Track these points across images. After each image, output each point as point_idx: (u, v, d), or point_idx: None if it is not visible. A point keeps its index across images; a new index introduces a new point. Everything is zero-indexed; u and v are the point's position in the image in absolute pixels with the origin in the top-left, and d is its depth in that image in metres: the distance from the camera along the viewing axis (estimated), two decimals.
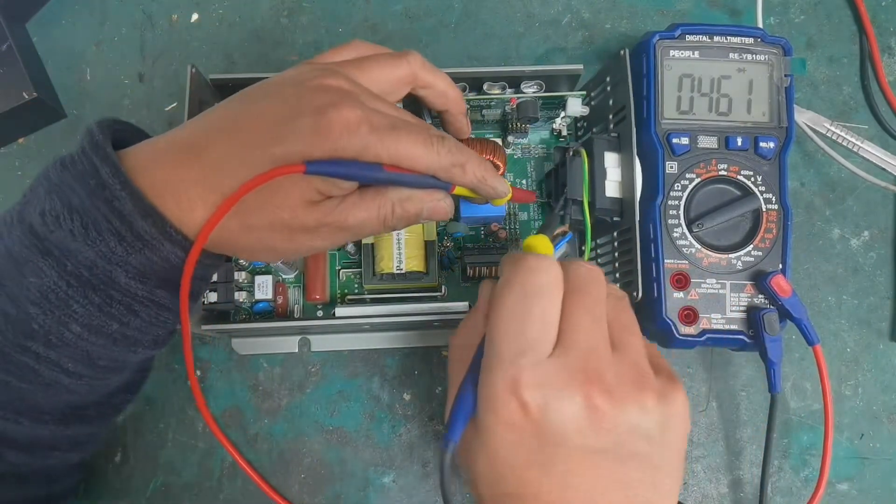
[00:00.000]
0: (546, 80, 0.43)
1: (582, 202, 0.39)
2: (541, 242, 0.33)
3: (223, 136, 0.29)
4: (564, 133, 0.46)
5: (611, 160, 0.39)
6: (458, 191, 0.32)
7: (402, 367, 0.45)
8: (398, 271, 0.40)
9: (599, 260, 0.43)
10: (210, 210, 0.28)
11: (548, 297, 0.27)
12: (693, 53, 0.42)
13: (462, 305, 0.40)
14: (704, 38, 0.42)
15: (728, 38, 0.42)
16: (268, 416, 0.44)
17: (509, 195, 0.35)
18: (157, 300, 0.30)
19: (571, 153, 0.40)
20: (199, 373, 0.44)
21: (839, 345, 0.46)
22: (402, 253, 0.40)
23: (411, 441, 0.44)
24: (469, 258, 0.43)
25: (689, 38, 0.42)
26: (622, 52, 0.38)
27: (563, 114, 0.44)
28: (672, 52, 0.42)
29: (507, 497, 0.26)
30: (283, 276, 0.44)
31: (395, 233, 0.41)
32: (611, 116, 0.41)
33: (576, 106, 0.43)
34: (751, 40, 0.42)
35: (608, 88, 0.41)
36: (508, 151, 0.46)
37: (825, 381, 0.40)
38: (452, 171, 0.30)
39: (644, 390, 0.26)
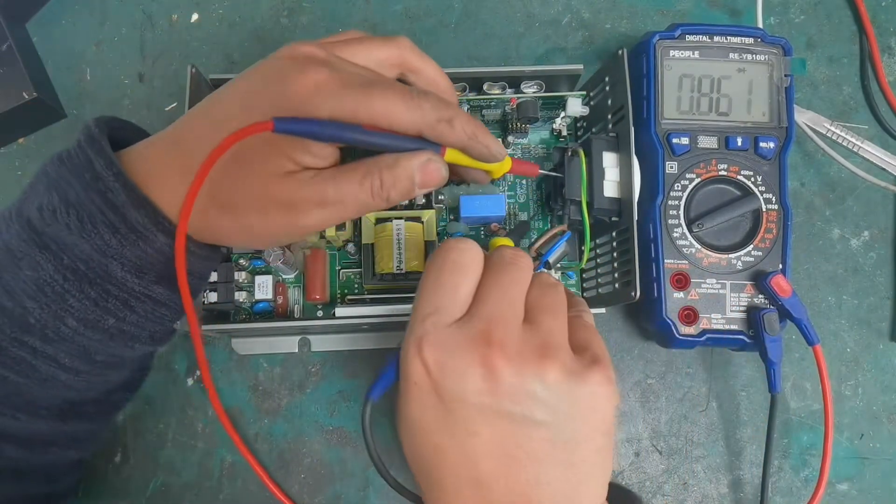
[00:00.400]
0: (546, 80, 0.43)
1: (580, 202, 0.39)
2: (503, 244, 0.33)
3: (199, 120, 0.29)
4: (564, 133, 0.46)
5: (609, 160, 0.39)
6: (450, 157, 0.30)
7: None
8: (398, 271, 0.40)
9: (599, 260, 0.43)
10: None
11: (461, 272, 0.28)
12: (693, 53, 0.42)
13: None
14: (704, 38, 0.42)
15: (728, 38, 0.42)
16: (268, 416, 0.44)
17: (507, 160, 0.33)
18: (153, 296, 0.30)
19: (570, 153, 0.40)
20: (198, 372, 0.44)
21: (839, 345, 0.46)
22: (402, 253, 0.40)
23: None
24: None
25: (689, 38, 0.42)
26: (620, 52, 0.38)
27: (563, 114, 0.44)
28: (672, 52, 0.42)
29: (420, 456, 0.27)
30: (283, 276, 0.44)
31: (395, 232, 0.40)
32: (610, 116, 0.41)
33: (576, 106, 0.43)
34: (751, 40, 0.42)
35: (607, 88, 0.41)
36: (509, 151, 0.46)
37: (825, 381, 0.40)
38: (439, 127, 0.28)
39: (547, 361, 0.26)
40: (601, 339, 0.30)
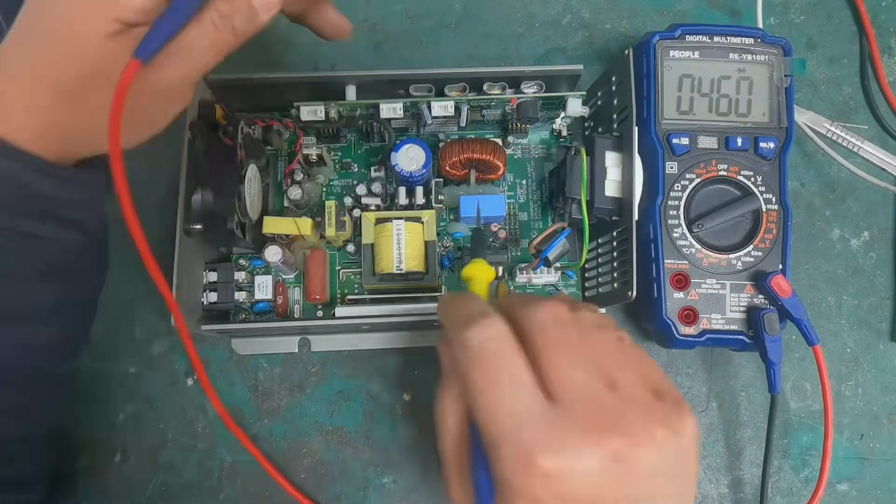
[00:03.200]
0: (546, 80, 0.43)
1: (580, 200, 0.39)
2: (479, 269, 0.32)
3: (12, 34, 0.28)
4: (564, 133, 0.46)
5: (612, 160, 0.39)
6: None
7: (402, 367, 0.45)
8: (398, 271, 0.40)
9: (599, 259, 0.43)
10: (28, 108, 0.27)
11: (506, 358, 0.25)
12: (693, 54, 0.42)
13: None
14: (704, 39, 0.42)
15: (728, 38, 0.42)
16: (268, 416, 0.44)
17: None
18: (22, 230, 0.28)
19: (573, 151, 0.40)
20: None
21: (839, 345, 0.46)
22: (401, 253, 0.40)
23: (411, 441, 0.44)
24: (469, 258, 0.43)
25: (689, 38, 0.42)
26: (627, 52, 0.38)
27: (563, 114, 0.44)
28: (672, 53, 0.42)
29: None
30: (283, 276, 0.44)
31: (395, 232, 0.40)
32: (615, 116, 0.41)
33: (576, 106, 0.43)
34: (751, 40, 0.42)
35: (613, 88, 0.41)
36: (508, 152, 0.46)
37: (825, 382, 0.40)
38: None
39: (652, 425, 0.24)
40: (657, 366, 0.27)
